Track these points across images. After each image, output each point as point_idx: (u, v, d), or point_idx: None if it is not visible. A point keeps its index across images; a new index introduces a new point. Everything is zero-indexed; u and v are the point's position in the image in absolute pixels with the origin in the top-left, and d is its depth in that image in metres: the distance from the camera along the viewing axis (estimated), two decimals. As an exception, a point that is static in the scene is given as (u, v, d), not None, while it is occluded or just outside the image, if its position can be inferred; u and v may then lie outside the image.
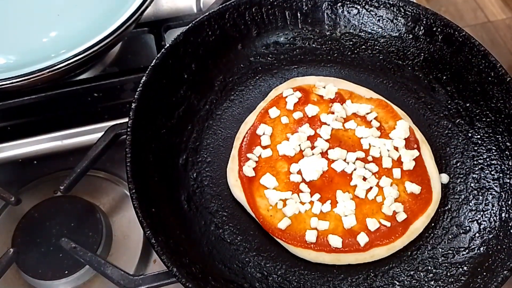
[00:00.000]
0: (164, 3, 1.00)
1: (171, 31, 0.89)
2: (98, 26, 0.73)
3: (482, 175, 0.71)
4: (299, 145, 0.72)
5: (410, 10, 0.79)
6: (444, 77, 0.78)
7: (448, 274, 0.64)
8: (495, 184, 0.70)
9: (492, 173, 0.70)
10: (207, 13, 0.77)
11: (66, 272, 0.67)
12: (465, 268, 0.64)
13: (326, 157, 0.71)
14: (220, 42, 0.78)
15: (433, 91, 0.78)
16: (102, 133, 0.72)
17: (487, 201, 0.69)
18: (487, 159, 0.72)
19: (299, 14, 0.82)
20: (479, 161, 0.72)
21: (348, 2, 0.82)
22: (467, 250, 0.66)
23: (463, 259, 0.65)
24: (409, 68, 0.80)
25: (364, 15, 0.82)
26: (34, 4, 0.79)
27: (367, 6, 0.81)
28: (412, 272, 0.65)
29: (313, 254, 0.64)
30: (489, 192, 0.69)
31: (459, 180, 0.71)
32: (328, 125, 0.74)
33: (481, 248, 0.65)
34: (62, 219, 0.70)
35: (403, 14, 0.80)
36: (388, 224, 0.66)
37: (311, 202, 0.67)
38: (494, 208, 0.68)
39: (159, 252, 0.58)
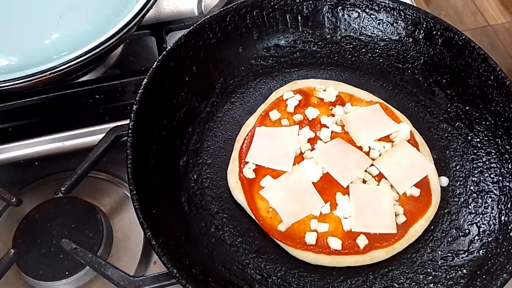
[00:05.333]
0: (165, 5, 1.01)
1: (172, 34, 0.89)
2: (100, 29, 0.74)
3: (481, 178, 0.71)
4: (300, 147, 0.72)
5: (410, 14, 0.79)
6: (444, 81, 0.78)
7: (448, 277, 0.64)
8: (495, 187, 0.70)
9: (492, 176, 0.71)
10: (208, 16, 0.77)
11: (67, 273, 0.67)
12: (464, 271, 0.64)
13: (326, 159, 0.71)
14: (221, 45, 0.79)
15: (432, 95, 0.78)
16: (103, 134, 0.72)
17: (487, 204, 0.69)
18: (487, 162, 0.72)
19: (299, 17, 0.82)
20: (479, 164, 0.72)
21: (348, 6, 0.82)
22: (466, 253, 0.66)
23: (462, 262, 0.65)
24: (409, 72, 0.80)
25: (365, 19, 0.82)
26: (36, 6, 0.79)
27: (367, 10, 0.82)
28: (411, 275, 0.65)
29: (312, 256, 0.65)
30: (488, 195, 0.70)
31: (458, 183, 0.71)
32: (328, 127, 0.74)
33: (481, 251, 0.65)
34: (63, 220, 0.70)
35: (403, 17, 0.80)
36: (387, 226, 0.66)
37: (311, 204, 0.67)
38: (493, 211, 0.68)
39: (160, 254, 0.58)
